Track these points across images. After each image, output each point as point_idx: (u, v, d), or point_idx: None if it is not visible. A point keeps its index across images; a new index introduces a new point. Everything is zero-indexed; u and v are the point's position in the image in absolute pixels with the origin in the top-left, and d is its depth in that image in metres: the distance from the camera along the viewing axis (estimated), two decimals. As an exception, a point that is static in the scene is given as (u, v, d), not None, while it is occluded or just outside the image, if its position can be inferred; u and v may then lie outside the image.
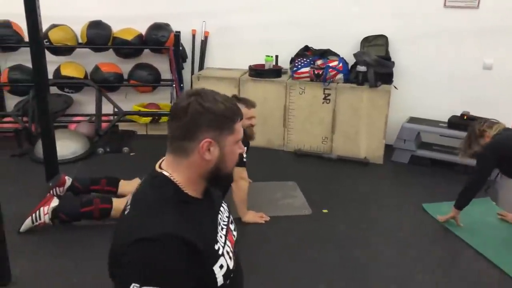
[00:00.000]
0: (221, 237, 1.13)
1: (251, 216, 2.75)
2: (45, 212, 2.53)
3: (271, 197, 3.13)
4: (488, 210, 2.96)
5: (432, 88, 3.95)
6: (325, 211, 2.93)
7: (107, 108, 4.12)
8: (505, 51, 3.73)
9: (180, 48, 4.17)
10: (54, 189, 2.77)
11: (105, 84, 4.08)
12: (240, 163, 2.68)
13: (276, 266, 2.35)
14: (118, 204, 2.63)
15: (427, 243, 2.63)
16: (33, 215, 2.52)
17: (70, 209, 2.57)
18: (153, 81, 4.21)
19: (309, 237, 2.64)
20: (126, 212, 1.10)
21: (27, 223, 2.51)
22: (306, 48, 4.12)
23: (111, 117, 4.16)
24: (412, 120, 3.87)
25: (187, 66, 4.42)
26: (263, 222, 2.76)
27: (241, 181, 2.69)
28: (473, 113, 3.68)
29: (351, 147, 3.85)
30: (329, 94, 3.83)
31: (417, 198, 3.13)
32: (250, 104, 2.80)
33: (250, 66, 4.08)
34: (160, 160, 1.15)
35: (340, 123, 3.85)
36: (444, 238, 2.67)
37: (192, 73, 4.36)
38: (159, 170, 1.12)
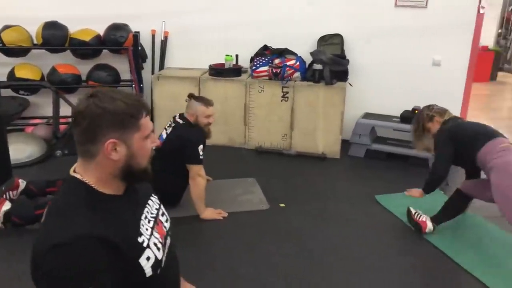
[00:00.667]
0: (146, 229, 1.14)
1: (209, 213, 2.80)
2: (13, 195, 2.53)
3: (231, 194, 3.18)
4: (436, 200, 3.09)
5: (386, 84, 4.11)
6: (282, 205, 3.01)
7: (66, 110, 4.06)
8: (452, 48, 3.92)
9: (139, 48, 4.17)
10: (6, 193, 2.72)
11: (62, 85, 4.02)
12: (197, 160, 2.73)
13: (232, 260, 2.40)
14: None
15: (378, 232, 2.75)
16: (6, 195, 2.51)
17: (24, 212, 2.54)
18: (113, 81, 4.19)
19: (265, 231, 2.71)
20: (42, 220, 1.06)
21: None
22: (265, 47, 4.20)
23: (70, 120, 4.10)
24: (367, 115, 4.01)
25: (147, 66, 4.42)
26: (221, 218, 2.81)
27: (198, 178, 2.73)
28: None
29: (309, 143, 3.96)
30: (287, 92, 3.92)
31: (371, 190, 3.26)
32: (207, 102, 2.84)
33: (210, 66, 4.12)
34: (74, 165, 1.13)
35: (299, 120, 3.95)
36: (394, 227, 2.80)
37: (153, 73, 4.36)
38: (72, 174, 1.11)
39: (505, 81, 8.19)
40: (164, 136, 2.85)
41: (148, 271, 1.08)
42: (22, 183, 2.79)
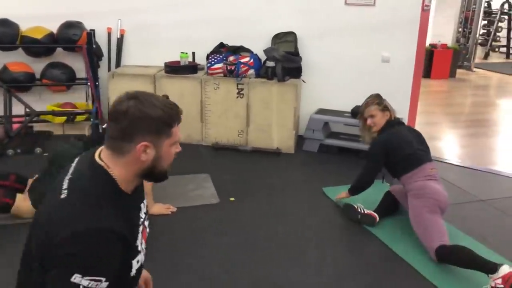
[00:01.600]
0: (139, 233, 1.22)
1: (156, 208, 2.83)
2: None
3: (183, 189, 3.22)
4: (379, 190, 3.19)
5: (338, 80, 4.22)
6: (232, 199, 3.07)
7: (19, 109, 4.01)
8: (399, 45, 4.06)
9: (95, 46, 4.15)
10: None
11: (14, 84, 3.97)
12: None
13: (176, 253, 2.45)
14: (21, 202, 2.63)
15: (322, 223, 2.84)
16: None
17: None
18: (67, 80, 4.16)
19: (212, 225, 2.77)
20: (62, 196, 1.12)
21: None
22: (222, 45, 4.25)
23: (25, 118, 4.06)
24: (320, 111, 4.12)
25: (103, 64, 4.40)
26: (169, 213, 2.85)
27: None
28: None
29: (264, 139, 4.03)
30: (242, 89, 3.99)
31: (320, 183, 3.35)
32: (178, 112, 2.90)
33: (165, 63, 4.15)
34: (99, 150, 1.21)
35: (254, 116, 4.02)
36: (336, 217, 2.90)
37: (109, 70, 4.35)
38: (99, 161, 1.18)
39: (464, 78, 8.48)
40: None
41: (133, 272, 1.18)
42: None
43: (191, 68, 4.14)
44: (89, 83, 4.11)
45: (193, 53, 4.31)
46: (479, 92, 7.62)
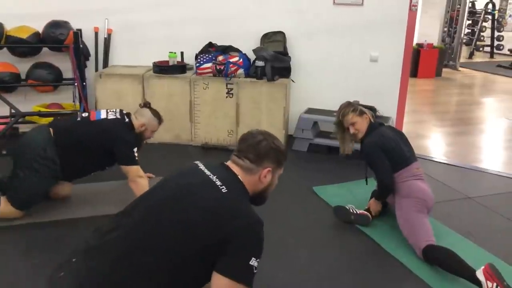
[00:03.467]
0: None
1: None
2: None
3: (173, 190, 3.20)
4: (363, 188, 3.19)
5: (327, 80, 4.24)
6: (222, 199, 3.06)
7: (4, 110, 3.95)
8: (387, 44, 4.10)
9: (82, 46, 4.10)
10: None
11: (-1, 84, 3.91)
12: (133, 161, 2.72)
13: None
14: (4, 205, 2.60)
15: (311, 221, 2.85)
16: None
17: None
18: (54, 80, 4.11)
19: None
20: (223, 191, 1.41)
21: None
22: (210, 44, 4.23)
23: (10, 119, 3.99)
24: (310, 110, 4.13)
25: (91, 64, 4.36)
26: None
27: (139, 179, 2.71)
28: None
29: (254, 138, 4.02)
30: (231, 89, 3.98)
31: (310, 182, 3.36)
32: (160, 120, 2.95)
33: (154, 63, 4.12)
34: (229, 162, 1.57)
35: (243, 116, 4.02)
36: (327, 216, 2.90)
37: (96, 71, 4.30)
38: (237, 175, 1.52)
39: (450, 77, 8.59)
40: (103, 115, 2.79)
41: None
42: None
43: (180, 68, 4.11)
44: (76, 84, 4.06)
45: (182, 53, 4.29)
46: (465, 91, 7.73)
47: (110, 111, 2.85)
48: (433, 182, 3.52)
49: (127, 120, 2.82)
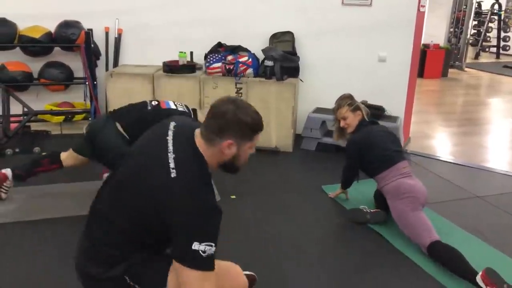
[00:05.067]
0: None
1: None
2: (9, 183, 2.80)
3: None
4: (371, 187, 3.24)
5: (335, 80, 4.27)
6: (232, 196, 3.11)
7: (17, 109, 4.00)
8: (395, 44, 4.12)
9: (92, 45, 4.15)
10: (1, 189, 2.79)
11: (12, 83, 3.96)
12: None
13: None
14: (66, 161, 2.84)
15: (321, 219, 2.89)
16: (2, 191, 2.78)
17: (25, 166, 2.83)
18: (65, 79, 4.16)
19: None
20: (172, 175, 1.35)
21: (4, 196, 2.81)
22: (220, 44, 4.27)
23: (22, 118, 4.05)
24: (318, 110, 4.16)
25: (101, 63, 4.41)
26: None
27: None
28: (371, 101, 4.02)
29: (263, 137, 3.97)
30: (240, 88, 4.02)
31: (319, 181, 3.40)
32: None
33: (164, 63, 4.16)
34: (197, 132, 1.49)
35: (252, 115, 4.05)
36: (335, 212, 2.97)
37: (107, 70, 4.36)
38: (198, 146, 1.46)
39: (456, 77, 8.60)
40: (171, 106, 2.88)
41: None
42: (8, 171, 2.79)
43: (190, 68, 4.16)
44: (87, 83, 4.11)
45: (191, 53, 4.34)
46: (471, 91, 7.73)
47: (178, 103, 2.93)
48: (441, 181, 3.56)
49: (192, 114, 2.91)
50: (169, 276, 1.46)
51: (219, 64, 4.03)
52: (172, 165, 1.38)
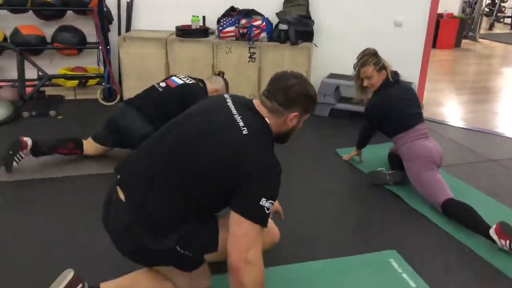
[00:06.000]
0: None
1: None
2: (25, 154, 2.72)
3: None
4: (384, 150, 3.24)
5: (350, 45, 4.17)
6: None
7: (31, 74, 4.02)
8: (412, 9, 4.05)
9: (105, 9, 4.12)
10: (17, 154, 2.69)
11: (26, 47, 3.96)
12: None
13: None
14: (86, 149, 2.89)
15: (337, 179, 2.93)
16: (16, 158, 2.70)
17: (47, 143, 2.81)
18: (78, 43, 4.15)
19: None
20: (244, 132, 1.42)
21: (14, 165, 2.72)
22: (232, 8, 4.23)
23: (37, 83, 4.07)
24: (332, 75, 4.14)
25: (113, 28, 4.38)
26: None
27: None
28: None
29: (276, 103, 4.06)
30: (254, 53, 4.00)
31: (333, 145, 3.42)
32: (228, 91, 3.07)
33: (177, 27, 4.13)
34: (256, 101, 1.56)
35: (266, 80, 3.98)
36: (350, 173, 3.00)
37: (119, 35, 4.33)
38: (261, 113, 1.52)
39: (469, 48, 8.46)
40: (179, 81, 2.88)
41: None
42: (28, 141, 2.75)
43: (203, 32, 4.13)
44: (100, 47, 4.10)
45: (204, 17, 4.29)
46: (484, 61, 7.62)
47: (181, 76, 2.94)
48: (454, 146, 3.56)
49: (202, 85, 2.91)
50: (220, 238, 1.52)
51: (232, 28, 3.99)
52: (241, 124, 1.44)
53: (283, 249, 2.06)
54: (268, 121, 1.52)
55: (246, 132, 1.43)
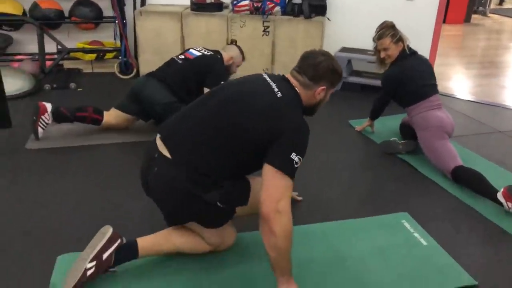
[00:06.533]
0: None
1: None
2: (47, 118, 2.79)
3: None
4: (396, 121, 3.35)
5: (362, 19, 4.28)
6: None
7: (49, 47, 4.12)
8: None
9: (121, -17, 4.18)
10: (40, 119, 2.78)
11: (45, 21, 4.05)
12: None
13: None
14: (106, 119, 2.93)
15: (350, 148, 3.05)
16: (40, 124, 2.78)
17: (69, 108, 2.86)
18: (95, 17, 4.23)
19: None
20: (278, 96, 1.59)
21: (40, 131, 2.80)
22: (246, -18, 4.27)
23: (55, 56, 4.17)
24: (344, 49, 4.21)
25: (129, 2, 4.44)
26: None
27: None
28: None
29: (289, 76, 4.15)
30: (268, 27, 4.06)
31: (346, 117, 3.53)
32: (244, 57, 3.24)
33: (191, 1, 4.19)
34: (289, 76, 1.73)
35: (279, 54, 4.13)
36: (363, 143, 3.13)
37: (135, 9, 4.40)
38: (292, 82, 1.70)
39: (479, 23, 8.43)
40: (197, 53, 2.99)
41: None
42: (48, 105, 2.83)
43: (217, 6, 4.19)
44: (117, 21, 4.18)
45: (218, -9, 4.34)
46: (493, 36, 7.61)
47: (198, 48, 3.06)
48: (463, 118, 3.67)
49: (219, 56, 3.03)
50: (252, 193, 1.69)
51: (246, 2, 4.05)
52: (276, 89, 1.62)
53: (301, 211, 2.22)
54: (298, 91, 1.69)
55: (280, 96, 1.60)
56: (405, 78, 2.81)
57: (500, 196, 2.24)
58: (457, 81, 4.88)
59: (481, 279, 1.80)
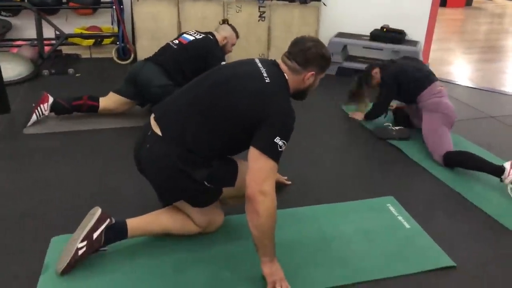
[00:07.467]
0: None
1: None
2: (45, 109, 2.86)
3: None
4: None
5: (357, 4, 4.28)
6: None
7: (48, 33, 4.15)
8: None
9: (117, -32, 4.19)
10: (39, 107, 2.86)
11: (43, 6, 4.08)
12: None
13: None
14: (105, 103, 2.98)
15: (341, 133, 3.11)
16: (36, 111, 2.84)
17: (66, 99, 2.94)
18: (93, 3, 4.25)
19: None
20: (266, 81, 1.64)
21: (33, 118, 2.85)
22: (242, -33, 4.26)
23: (53, 42, 4.21)
24: (339, 34, 4.22)
25: (126, -13, 4.45)
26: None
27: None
28: (392, 26, 4.07)
29: (285, 61, 4.18)
30: (264, 12, 4.08)
31: (340, 102, 3.57)
32: (237, 34, 3.24)
33: (188, -14, 4.20)
34: (279, 61, 1.76)
35: (275, 40, 4.15)
36: (355, 129, 3.17)
37: (132, -6, 4.41)
38: (281, 66, 1.74)
39: (481, 6, 8.35)
40: (190, 38, 3.04)
41: None
42: (50, 97, 2.90)
43: (214, -9, 4.19)
44: (114, 6, 4.20)
45: (214, -24, 4.34)
46: (495, 20, 7.55)
47: (191, 32, 3.09)
48: (457, 103, 3.69)
49: (212, 37, 3.06)
50: (238, 175, 1.75)
51: (243, -13, 4.05)
52: (265, 74, 1.67)
53: (290, 194, 2.28)
54: (287, 77, 1.73)
55: (268, 81, 1.66)
56: (403, 69, 2.91)
57: (507, 163, 2.34)
58: (455, 66, 4.89)
59: (460, 261, 1.86)
